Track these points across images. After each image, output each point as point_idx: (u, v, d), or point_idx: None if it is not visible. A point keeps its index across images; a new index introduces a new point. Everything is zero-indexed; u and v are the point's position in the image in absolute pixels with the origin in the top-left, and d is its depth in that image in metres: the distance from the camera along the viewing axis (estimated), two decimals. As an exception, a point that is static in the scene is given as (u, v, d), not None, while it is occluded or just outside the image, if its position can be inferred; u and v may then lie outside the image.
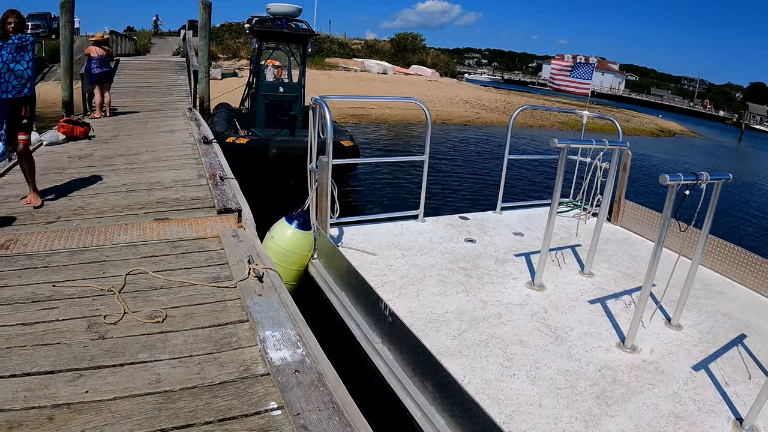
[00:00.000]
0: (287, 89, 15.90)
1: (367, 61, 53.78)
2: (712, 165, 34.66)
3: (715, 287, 6.29)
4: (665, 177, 4.11)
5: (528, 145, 26.24)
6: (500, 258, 6.35)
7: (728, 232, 15.59)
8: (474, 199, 15.26)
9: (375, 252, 6.04)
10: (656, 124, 59.95)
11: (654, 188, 20.99)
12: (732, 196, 22.40)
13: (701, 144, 54.48)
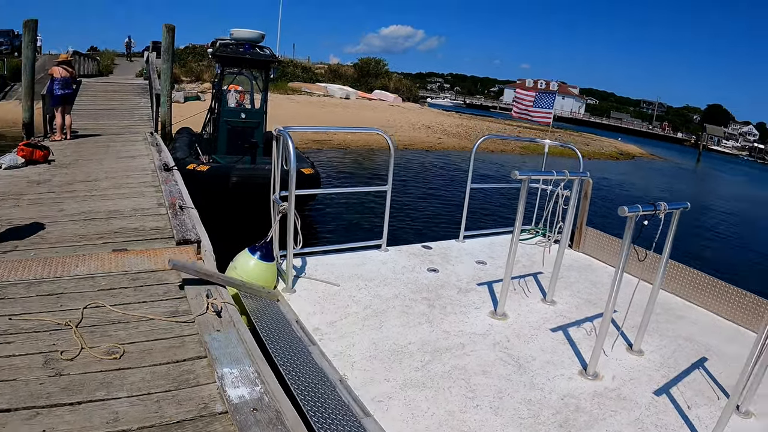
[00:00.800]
0: (249, 115, 15.87)
1: (330, 85, 54.00)
2: (671, 187, 35.28)
3: (676, 311, 6.45)
4: (624, 209, 4.19)
5: (490, 171, 26.43)
6: (463, 287, 6.41)
7: (687, 254, 15.80)
8: (437, 227, 15.35)
9: (338, 283, 6.07)
10: (616, 147, 60.76)
11: (615, 213, 21.35)
12: (691, 218, 22.71)
13: (660, 166, 55.28)
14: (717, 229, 22.47)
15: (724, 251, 18.61)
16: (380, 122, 36.51)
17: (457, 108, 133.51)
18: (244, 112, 15.92)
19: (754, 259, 18.53)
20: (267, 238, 5.83)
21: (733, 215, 28.33)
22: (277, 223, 5.85)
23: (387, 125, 35.83)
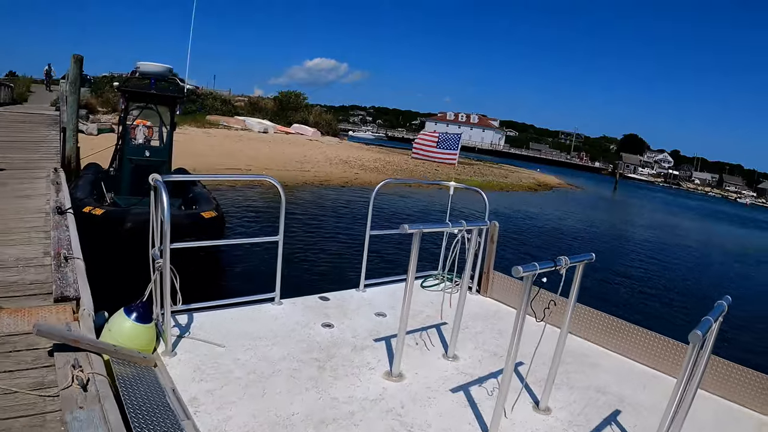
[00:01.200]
0: (154, 153, 15.25)
1: (248, 119, 53.55)
2: (588, 217, 35.89)
3: (589, 359, 6.24)
4: (518, 269, 3.85)
5: (402, 209, 26.18)
6: (358, 345, 5.98)
7: (601, 295, 15.80)
8: (341, 273, 14.60)
9: (223, 343, 5.56)
10: (534, 179, 61.89)
11: (529, 245, 21.25)
12: (606, 251, 22.92)
13: (578, 196, 56.39)
14: (633, 264, 22.69)
15: (640, 288, 18.67)
16: (297, 157, 36.27)
17: (379, 141, 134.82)
18: (148, 150, 15.27)
19: (671, 295, 18.65)
20: (144, 296, 5.32)
21: (649, 244, 29.15)
22: (156, 279, 5.31)
23: (304, 160, 35.60)
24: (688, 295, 18.33)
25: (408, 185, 35.43)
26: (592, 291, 15.44)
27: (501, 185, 46.63)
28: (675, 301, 17.58)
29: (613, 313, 6.79)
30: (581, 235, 27.45)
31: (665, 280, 20.19)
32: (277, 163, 32.62)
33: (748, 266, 29.09)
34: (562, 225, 29.43)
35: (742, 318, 16.01)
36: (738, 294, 19.60)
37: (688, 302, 17.45)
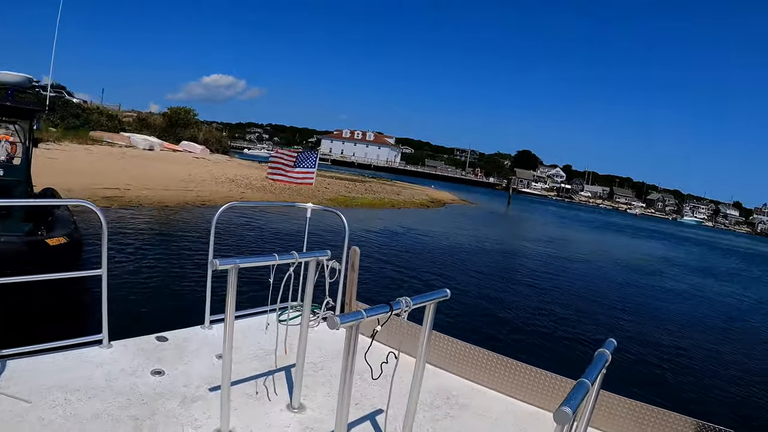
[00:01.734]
0: (7, 172, 14.03)
1: (134, 135, 51.76)
2: (479, 233, 35.77)
3: (460, 399, 5.60)
4: (335, 320, 3.18)
5: (270, 233, 25.26)
6: (189, 396, 4.94)
7: (480, 330, 15.01)
8: (191, 305, 12.86)
9: (29, 398, 4.45)
10: (428, 195, 62.22)
11: (416, 265, 20.87)
12: (491, 272, 22.68)
13: (471, 212, 56.97)
14: (521, 283, 21.68)
15: (526, 312, 17.11)
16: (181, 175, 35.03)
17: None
18: (2, 168, 14.12)
19: (559, 319, 17.08)
20: None
21: (539, 260, 29.00)
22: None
23: (188, 179, 34.37)
24: (579, 318, 17.22)
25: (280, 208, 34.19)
26: (472, 315, 14.95)
27: (393, 202, 46.46)
28: (563, 325, 16.34)
29: (495, 341, 6.31)
30: (468, 252, 27.05)
31: (554, 300, 19.18)
32: (158, 182, 31.31)
33: (639, 276, 29.39)
34: (450, 242, 28.98)
35: (634, 341, 15.90)
36: (628, 308, 19.95)
37: (578, 325, 16.63)
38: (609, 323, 17.31)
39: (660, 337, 16.59)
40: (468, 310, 15.56)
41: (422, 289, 17.24)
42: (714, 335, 18.23)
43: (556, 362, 11.44)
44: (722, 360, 15.29)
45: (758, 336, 19.73)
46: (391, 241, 25.96)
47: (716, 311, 23.29)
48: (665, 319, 19.41)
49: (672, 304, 22.92)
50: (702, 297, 26.55)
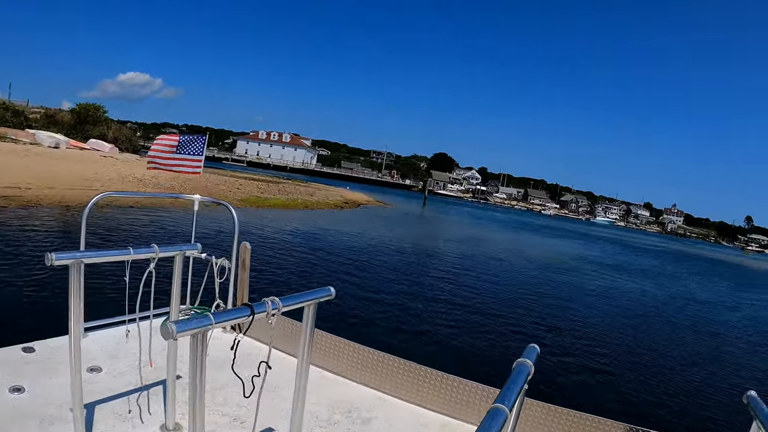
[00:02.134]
0: None
1: (39, 132, 50.02)
2: (391, 232, 35.75)
3: (363, 412, 5.08)
4: (170, 328, 2.50)
5: (157, 229, 24.59)
6: (51, 415, 4.16)
7: (391, 337, 14.76)
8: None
9: None
10: (342, 196, 62.20)
11: (322, 267, 20.68)
12: (401, 271, 22.59)
13: (386, 213, 57.28)
14: (433, 285, 21.00)
15: (438, 313, 16.42)
16: (87, 174, 33.89)
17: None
18: None
19: (473, 318, 16.85)
20: None
21: (452, 258, 29.24)
22: None
23: (94, 178, 33.25)
24: (493, 318, 16.98)
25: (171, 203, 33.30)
26: (380, 319, 14.48)
27: (306, 203, 46.28)
28: (477, 325, 16.02)
29: (403, 346, 5.98)
30: (380, 252, 26.83)
31: (468, 300, 18.91)
32: (62, 181, 30.23)
33: (553, 274, 29.81)
34: (362, 243, 28.79)
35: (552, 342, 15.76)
36: (544, 305, 20.24)
37: (493, 325, 16.19)
38: (525, 322, 17.15)
39: (577, 334, 16.71)
40: (374, 313, 15.17)
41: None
42: (630, 331, 18.52)
43: (470, 367, 11.52)
44: (639, 356, 15.51)
45: (672, 330, 20.23)
46: (301, 241, 25.71)
47: (632, 307, 23.86)
48: (581, 316, 19.73)
49: (587, 300, 23.39)
50: (617, 293, 27.27)
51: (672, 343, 17.83)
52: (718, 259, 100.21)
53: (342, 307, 14.48)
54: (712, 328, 22.10)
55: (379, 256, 25.60)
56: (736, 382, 14.05)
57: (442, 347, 13.05)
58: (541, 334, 15.74)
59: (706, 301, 31.15)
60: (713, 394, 12.79)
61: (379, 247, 28.14)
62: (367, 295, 17.00)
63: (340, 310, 14.15)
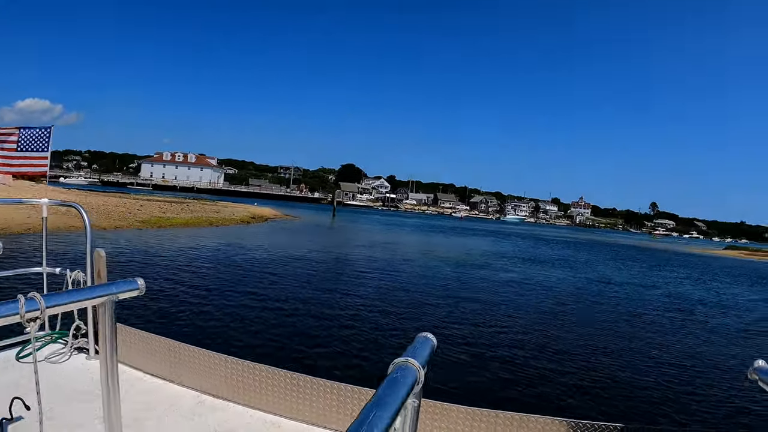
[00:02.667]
0: None
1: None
2: (296, 243, 34.86)
3: (182, 410, 4.42)
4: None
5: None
6: None
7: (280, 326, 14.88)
8: None
9: None
10: (249, 212, 62.19)
11: (194, 287, 20.49)
12: (305, 284, 22.38)
13: (294, 225, 57.20)
14: (338, 291, 20.21)
15: (339, 320, 15.19)
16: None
17: (92, 186, 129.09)
18: None
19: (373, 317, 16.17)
20: None
21: (360, 264, 28.62)
22: None
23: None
24: (397, 320, 16.15)
25: (115, 227, 32.87)
26: (281, 333, 13.55)
27: (211, 220, 46.08)
28: (380, 330, 14.67)
29: (298, 356, 5.12)
30: (282, 263, 25.71)
31: (376, 302, 18.28)
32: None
33: (466, 270, 29.31)
34: (265, 255, 27.77)
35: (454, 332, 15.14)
36: (453, 303, 19.65)
37: (393, 327, 15.11)
38: (430, 319, 16.36)
39: (489, 327, 16.20)
40: (272, 326, 14.15)
41: (218, 306, 17.08)
42: (549, 320, 18.11)
43: (364, 371, 11.34)
44: (560, 343, 15.01)
45: (592, 314, 20.23)
46: (202, 254, 25.25)
47: (550, 295, 23.82)
48: (494, 309, 19.20)
49: (500, 292, 23.02)
50: (533, 283, 27.34)
51: (593, 327, 17.63)
52: (629, 245, 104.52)
53: (223, 318, 14.28)
54: (633, 308, 22.37)
55: (283, 264, 25.07)
56: (660, 358, 14.14)
57: (332, 351, 12.16)
58: (450, 331, 14.99)
59: (624, 283, 32.01)
60: (635, 373, 12.68)
61: (283, 257, 27.53)
62: (263, 305, 16.35)
63: (223, 322, 14.14)
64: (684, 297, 27.75)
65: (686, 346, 15.88)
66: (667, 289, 30.71)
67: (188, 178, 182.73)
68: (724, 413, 10.39)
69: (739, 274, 49.15)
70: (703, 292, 30.66)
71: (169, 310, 14.18)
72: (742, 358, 14.82)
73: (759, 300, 29.72)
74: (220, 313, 14.47)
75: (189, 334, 11.93)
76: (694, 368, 13.42)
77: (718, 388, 11.91)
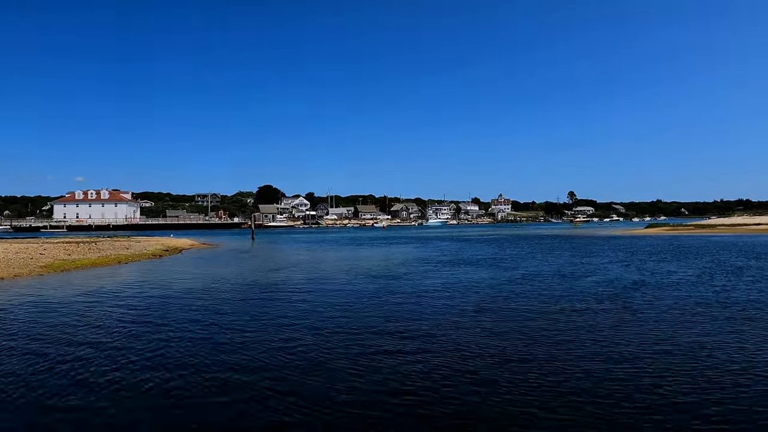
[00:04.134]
0: None
1: None
2: (208, 273, 34.30)
3: None
4: None
5: None
6: None
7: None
8: None
9: None
10: (163, 244, 61.75)
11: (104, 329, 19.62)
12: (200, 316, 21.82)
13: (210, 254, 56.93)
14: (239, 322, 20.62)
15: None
16: None
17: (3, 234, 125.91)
18: None
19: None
20: None
21: (269, 289, 27.61)
22: None
23: None
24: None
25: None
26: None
27: (120, 258, 44.88)
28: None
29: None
30: (184, 297, 25.43)
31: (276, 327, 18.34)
32: None
33: (386, 281, 27.62)
34: (165, 291, 26.75)
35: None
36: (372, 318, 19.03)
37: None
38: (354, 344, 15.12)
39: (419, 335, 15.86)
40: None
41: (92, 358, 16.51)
42: (470, 326, 17.20)
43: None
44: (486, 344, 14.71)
45: (525, 310, 19.75)
46: (94, 300, 24.10)
47: (478, 297, 23.35)
48: (420, 316, 18.95)
49: (425, 301, 22.49)
50: (460, 287, 26.86)
51: (526, 324, 17.26)
52: (552, 235, 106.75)
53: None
54: (571, 300, 21.97)
55: (191, 300, 23.94)
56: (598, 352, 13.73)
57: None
58: (377, 348, 14.59)
59: (555, 274, 31.96)
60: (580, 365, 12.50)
61: (185, 292, 26.44)
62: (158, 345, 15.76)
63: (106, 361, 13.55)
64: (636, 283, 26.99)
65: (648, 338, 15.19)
66: (606, 276, 30.46)
67: (103, 215, 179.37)
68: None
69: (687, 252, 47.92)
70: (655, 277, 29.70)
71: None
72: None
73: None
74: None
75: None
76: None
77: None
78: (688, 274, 30.97)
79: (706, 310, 19.23)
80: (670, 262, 39.56)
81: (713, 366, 12.23)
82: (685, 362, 12.60)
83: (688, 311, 18.97)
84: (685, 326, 16.53)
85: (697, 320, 17.38)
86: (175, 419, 9.52)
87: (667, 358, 13.05)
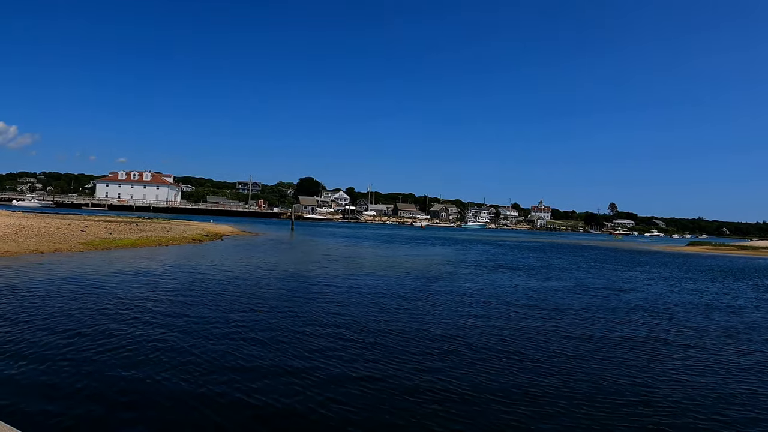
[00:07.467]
0: None
1: None
2: (251, 261, 33.68)
3: None
4: None
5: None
6: None
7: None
8: None
9: None
10: (203, 229, 61.33)
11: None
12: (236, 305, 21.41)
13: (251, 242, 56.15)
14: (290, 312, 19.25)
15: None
16: None
17: (46, 208, 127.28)
18: None
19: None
20: None
21: (314, 280, 27.09)
22: None
23: None
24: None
25: (55, 250, 31.25)
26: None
27: (160, 240, 44.39)
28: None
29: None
30: (222, 283, 25.01)
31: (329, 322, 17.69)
32: None
33: (427, 282, 26.91)
34: (208, 276, 26.38)
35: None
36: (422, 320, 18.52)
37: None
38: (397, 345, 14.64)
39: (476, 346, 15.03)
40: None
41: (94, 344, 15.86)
42: (536, 338, 16.42)
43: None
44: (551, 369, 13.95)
45: (579, 324, 18.87)
46: (141, 279, 23.57)
47: (528, 305, 22.58)
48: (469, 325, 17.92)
49: (473, 308, 21.29)
50: (510, 293, 25.94)
51: (583, 337, 16.69)
52: (593, 246, 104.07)
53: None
54: (628, 317, 20.92)
55: (234, 284, 23.76)
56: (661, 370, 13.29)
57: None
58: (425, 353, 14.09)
59: (606, 288, 30.59)
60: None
61: (228, 277, 26.15)
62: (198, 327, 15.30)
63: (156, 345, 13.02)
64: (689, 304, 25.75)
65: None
66: (656, 293, 29.09)
67: (144, 197, 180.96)
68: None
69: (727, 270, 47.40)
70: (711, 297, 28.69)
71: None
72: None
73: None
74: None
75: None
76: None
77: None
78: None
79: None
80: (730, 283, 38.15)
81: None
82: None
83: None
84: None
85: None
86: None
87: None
